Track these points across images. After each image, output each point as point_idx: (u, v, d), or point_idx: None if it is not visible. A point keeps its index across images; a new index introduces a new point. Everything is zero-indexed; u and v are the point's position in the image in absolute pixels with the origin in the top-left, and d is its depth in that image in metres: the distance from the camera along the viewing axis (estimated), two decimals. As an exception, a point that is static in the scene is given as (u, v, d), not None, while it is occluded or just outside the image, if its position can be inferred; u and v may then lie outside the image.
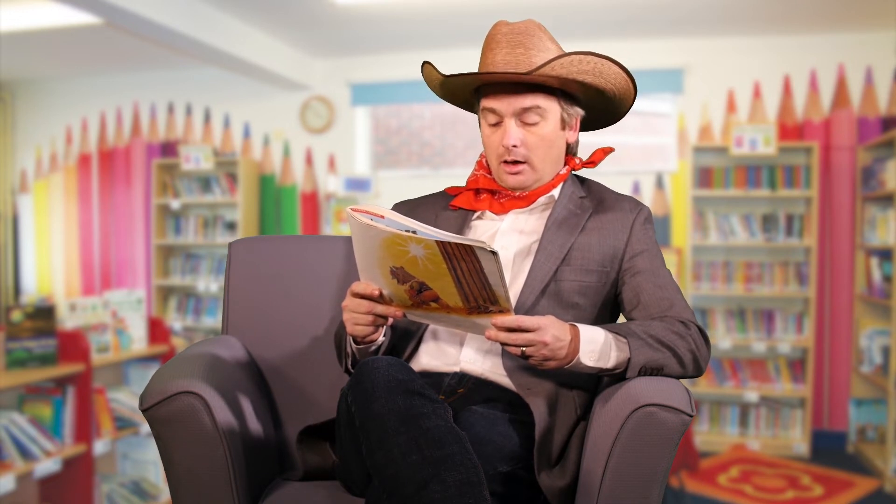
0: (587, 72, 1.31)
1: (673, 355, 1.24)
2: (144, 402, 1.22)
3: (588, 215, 1.39)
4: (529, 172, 1.37)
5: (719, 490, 3.55)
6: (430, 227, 1.13)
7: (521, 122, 1.34)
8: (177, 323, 5.21)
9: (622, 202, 1.42)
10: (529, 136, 1.35)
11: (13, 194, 5.98)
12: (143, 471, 3.27)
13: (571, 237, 1.36)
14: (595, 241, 1.37)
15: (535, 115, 1.34)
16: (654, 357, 1.22)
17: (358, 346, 1.30)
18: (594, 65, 1.30)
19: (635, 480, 1.16)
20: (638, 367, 1.21)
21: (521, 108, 1.33)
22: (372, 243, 1.14)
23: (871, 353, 4.08)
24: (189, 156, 5.06)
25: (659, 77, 4.55)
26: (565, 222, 1.38)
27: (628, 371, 1.22)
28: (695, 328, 1.28)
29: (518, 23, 1.35)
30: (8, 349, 2.68)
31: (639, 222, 1.39)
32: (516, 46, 1.32)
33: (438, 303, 1.17)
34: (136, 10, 3.47)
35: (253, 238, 1.71)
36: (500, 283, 1.10)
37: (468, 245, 1.06)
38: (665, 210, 4.65)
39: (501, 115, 1.35)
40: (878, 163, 4.01)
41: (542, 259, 1.34)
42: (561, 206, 1.40)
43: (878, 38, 4.26)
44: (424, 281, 1.14)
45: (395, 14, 4.13)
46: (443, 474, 1.01)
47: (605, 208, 1.41)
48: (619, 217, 1.39)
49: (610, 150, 1.46)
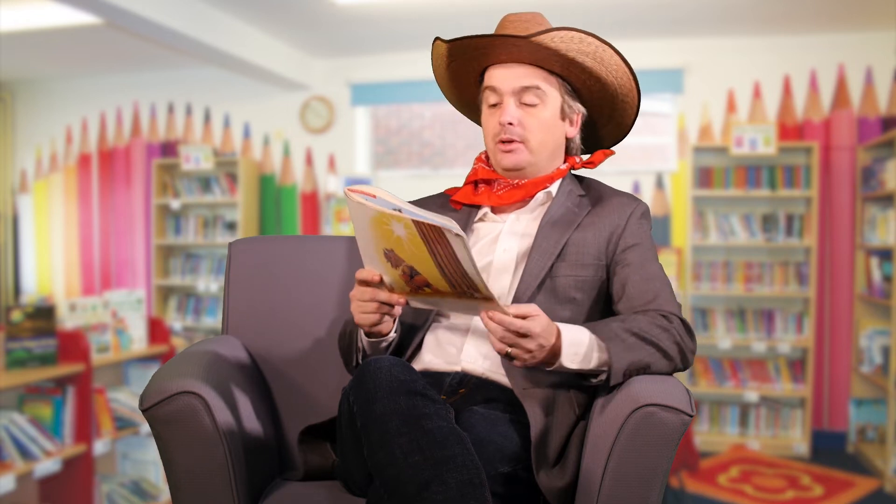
0: (587, 53, 1.31)
1: (657, 350, 1.22)
2: (144, 402, 1.22)
3: (586, 212, 1.40)
4: (524, 152, 1.37)
5: (719, 490, 3.55)
6: (413, 206, 1.11)
7: (520, 103, 1.35)
8: (177, 323, 5.21)
9: (620, 197, 1.42)
10: (527, 117, 1.35)
11: (13, 194, 5.98)
12: (143, 471, 3.27)
13: (567, 233, 1.36)
14: (591, 236, 1.37)
15: (535, 96, 1.34)
16: (637, 358, 1.21)
17: (369, 339, 1.30)
18: (595, 48, 1.31)
19: (635, 480, 1.16)
20: (621, 372, 1.20)
21: (521, 86, 1.34)
22: (365, 224, 1.13)
23: (871, 353, 4.08)
24: (189, 156, 5.06)
25: (659, 77, 4.55)
26: (561, 219, 1.38)
27: (611, 378, 1.20)
28: (677, 320, 1.27)
29: (524, 13, 1.36)
30: (8, 349, 2.68)
31: (635, 216, 1.39)
32: (522, 31, 1.33)
33: (431, 288, 1.15)
34: (136, 10, 3.47)
35: (253, 238, 1.71)
36: (473, 268, 1.07)
37: (437, 226, 1.04)
38: (665, 210, 4.65)
39: (501, 95, 1.35)
40: (878, 163, 4.01)
41: (537, 256, 1.34)
42: (558, 204, 1.40)
43: (878, 38, 4.26)
44: (413, 265, 1.13)
45: (395, 14, 4.14)
46: (444, 475, 1.01)
47: (602, 204, 1.41)
48: (616, 211, 1.39)
49: (610, 153, 1.47)
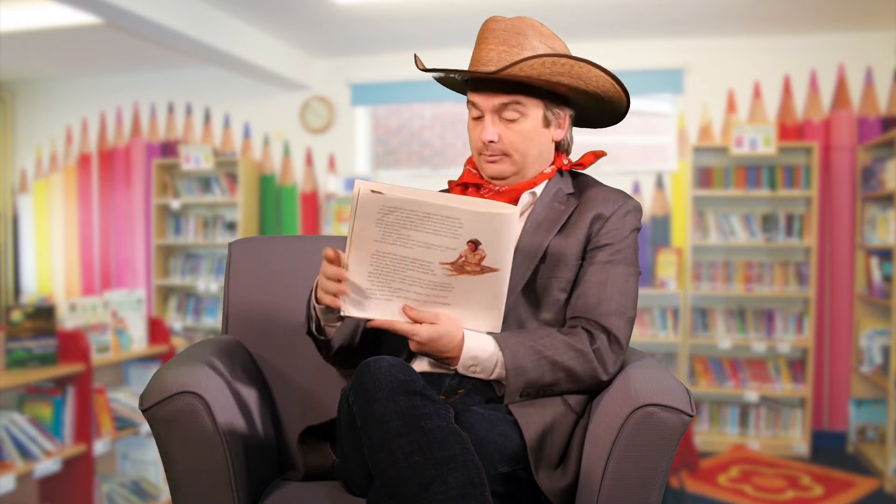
0: (562, 73, 1.29)
1: (565, 372, 1.27)
2: (144, 402, 1.22)
3: (571, 211, 1.38)
4: (508, 164, 1.36)
5: (719, 490, 3.55)
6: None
7: (501, 119, 1.34)
8: (177, 323, 5.21)
9: (609, 193, 1.40)
10: (507, 132, 1.34)
11: (13, 194, 5.98)
12: (143, 471, 3.27)
13: (549, 235, 1.35)
14: (573, 236, 1.35)
15: (514, 111, 1.33)
16: (536, 377, 1.26)
17: (323, 312, 1.32)
18: (569, 67, 1.28)
19: (635, 480, 1.16)
20: (517, 392, 1.26)
21: (500, 104, 1.33)
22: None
23: (871, 353, 4.08)
24: (189, 156, 5.06)
25: (659, 77, 4.55)
26: (545, 221, 1.37)
27: (506, 397, 1.26)
28: (604, 338, 1.28)
29: (511, 19, 1.34)
30: (8, 349, 2.68)
31: (618, 214, 1.36)
32: (501, 44, 1.31)
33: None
34: (136, 10, 3.46)
35: (253, 238, 1.71)
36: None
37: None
38: (665, 210, 4.65)
39: (482, 111, 1.35)
40: (878, 163, 4.01)
41: (519, 260, 1.32)
42: (541, 206, 1.38)
43: (878, 38, 4.26)
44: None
45: (395, 14, 4.13)
46: (445, 475, 1.01)
47: (589, 200, 1.38)
48: (601, 207, 1.37)
49: (601, 154, 1.44)
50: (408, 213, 1.13)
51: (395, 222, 1.14)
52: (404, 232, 1.15)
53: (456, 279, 1.18)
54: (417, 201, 1.12)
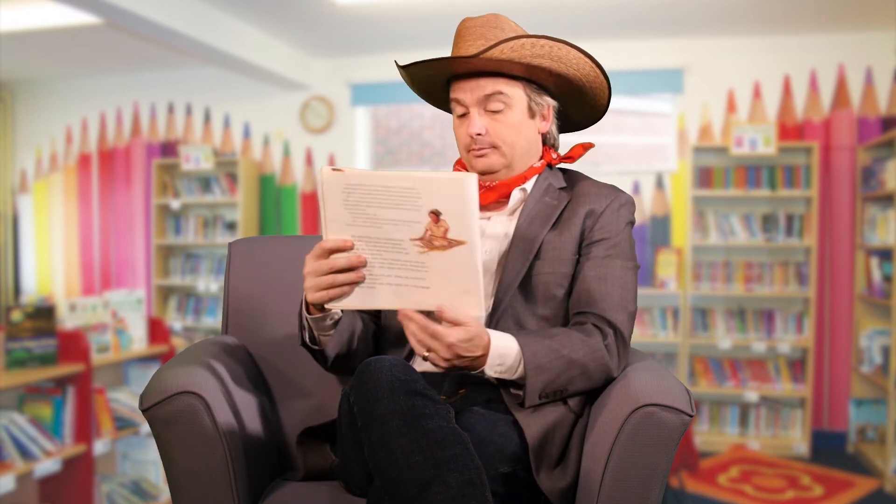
0: (542, 55, 1.29)
1: (581, 372, 1.25)
2: (144, 402, 1.22)
3: (564, 206, 1.37)
4: (497, 156, 1.36)
5: (719, 490, 3.55)
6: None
7: (486, 111, 1.34)
8: (177, 323, 5.21)
9: (601, 188, 1.39)
10: (494, 123, 1.34)
11: (13, 194, 5.98)
12: (143, 471, 3.27)
13: (543, 231, 1.34)
14: (567, 231, 1.35)
15: (499, 102, 1.33)
16: (553, 378, 1.23)
17: (312, 316, 1.26)
18: (549, 48, 1.28)
19: (635, 480, 1.16)
20: (536, 394, 1.23)
21: (483, 95, 1.33)
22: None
23: (871, 353, 4.08)
24: (189, 156, 5.06)
25: (658, 77, 4.55)
26: (538, 216, 1.36)
27: (526, 399, 1.23)
28: (612, 334, 1.28)
29: (484, 16, 1.34)
30: (8, 349, 2.68)
31: (611, 209, 1.36)
32: (478, 38, 1.31)
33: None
34: (136, 10, 3.46)
35: (253, 238, 1.71)
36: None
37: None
38: (665, 210, 4.65)
39: (466, 106, 1.35)
40: (878, 163, 4.01)
41: (515, 256, 1.33)
42: (534, 201, 1.38)
43: (878, 38, 4.26)
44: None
45: (395, 14, 4.13)
46: (445, 475, 1.01)
47: (581, 195, 1.38)
48: (593, 202, 1.36)
49: (590, 146, 1.44)
50: (368, 188, 1.13)
51: (360, 201, 1.14)
52: (370, 210, 1.14)
53: (428, 256, 1.15)
54: (376, 174, 1.13)
